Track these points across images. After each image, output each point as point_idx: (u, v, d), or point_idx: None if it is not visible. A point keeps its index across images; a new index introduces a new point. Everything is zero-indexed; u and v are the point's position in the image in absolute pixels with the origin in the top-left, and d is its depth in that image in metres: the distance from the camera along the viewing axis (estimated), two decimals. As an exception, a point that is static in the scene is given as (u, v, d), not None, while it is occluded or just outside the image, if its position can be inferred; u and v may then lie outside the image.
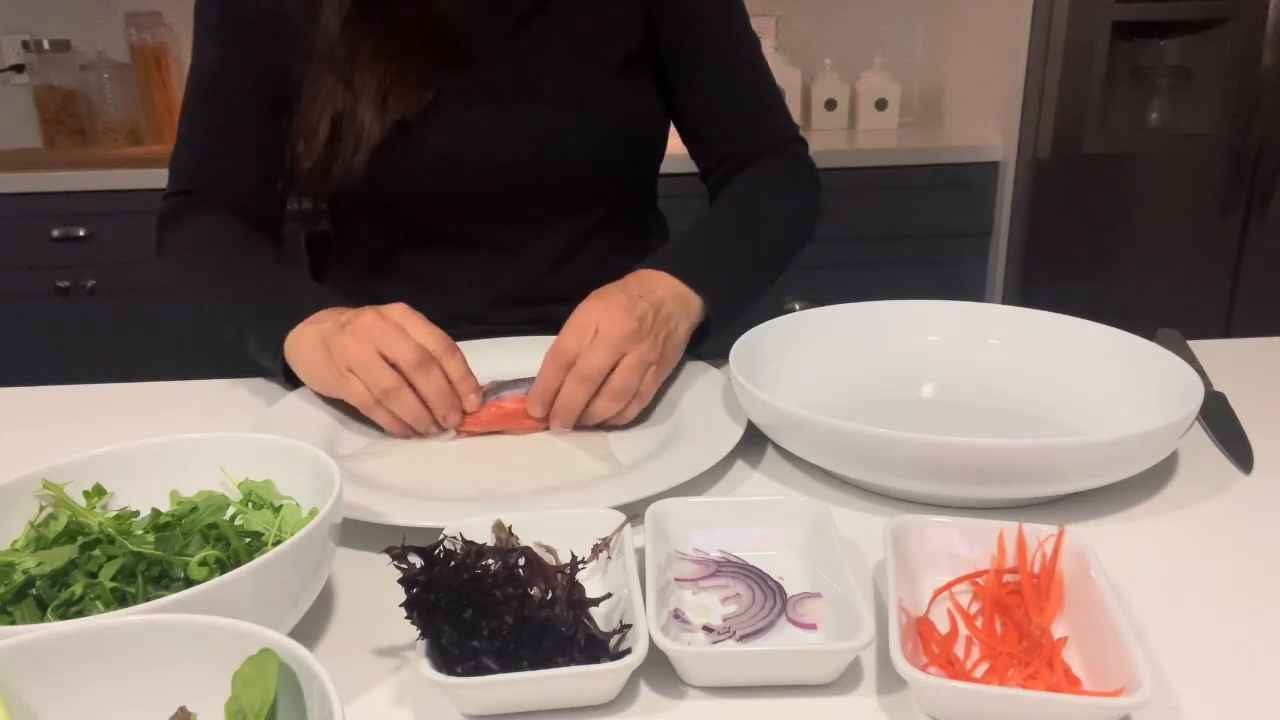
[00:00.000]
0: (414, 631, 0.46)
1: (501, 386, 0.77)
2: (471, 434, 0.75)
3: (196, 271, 0.90)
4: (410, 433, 0.74)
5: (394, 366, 0.72)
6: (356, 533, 0.63)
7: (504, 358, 0.86)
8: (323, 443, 0.75)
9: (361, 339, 0.72)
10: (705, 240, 0.89)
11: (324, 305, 0.79)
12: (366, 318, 0.73)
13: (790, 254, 0.96)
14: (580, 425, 0.75)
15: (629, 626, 0.47)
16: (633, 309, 0.75)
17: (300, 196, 0.94)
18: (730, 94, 0.99)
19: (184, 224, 0.94)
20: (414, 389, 0.72)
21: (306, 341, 0.76)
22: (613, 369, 0.73)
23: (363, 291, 0.96)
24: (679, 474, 0.65)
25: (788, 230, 0.97)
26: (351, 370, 0.72)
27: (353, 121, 0.87)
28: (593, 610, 0.49)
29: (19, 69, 2.47)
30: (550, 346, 0.74)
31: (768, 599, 0.52)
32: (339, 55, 0.87)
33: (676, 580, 0.55)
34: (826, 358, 0.82)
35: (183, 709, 0.40)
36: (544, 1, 0.92)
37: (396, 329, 0.72)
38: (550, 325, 0.79)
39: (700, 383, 0.82)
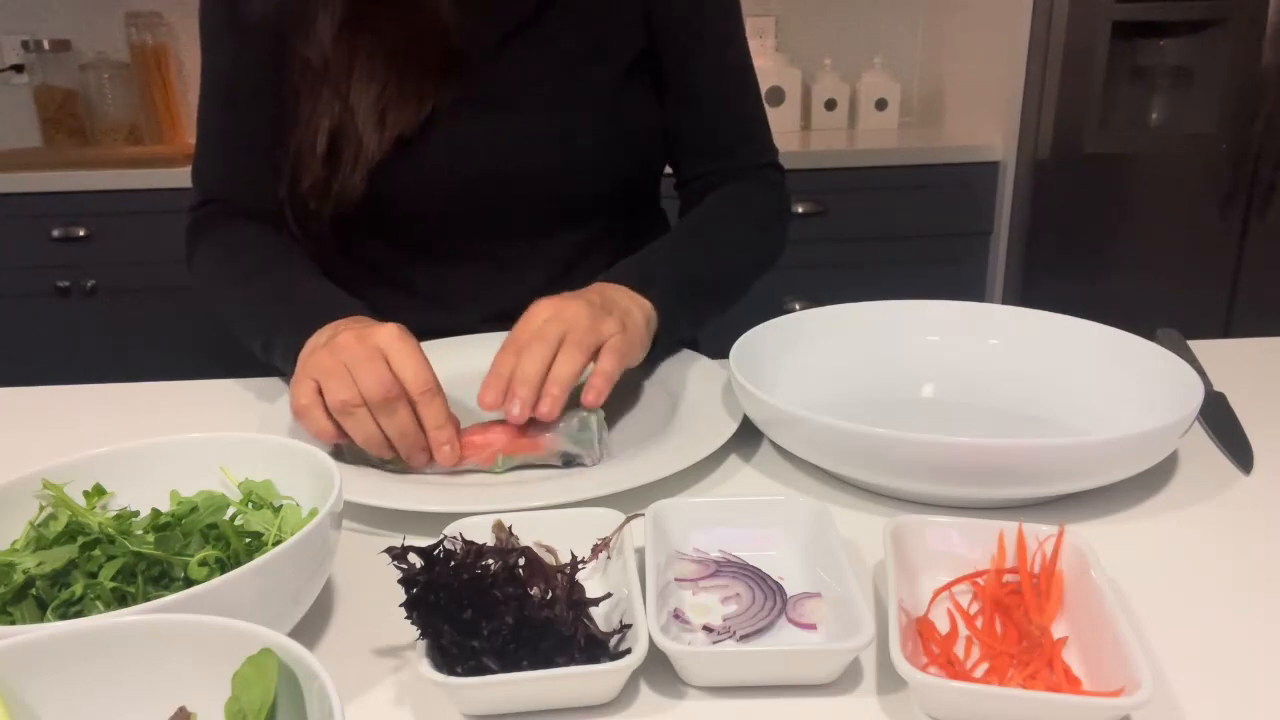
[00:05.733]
0: (414, 631, 0.46)
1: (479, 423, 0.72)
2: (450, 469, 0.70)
3: (225, 283, 0.89)
4: (337, 438, 0.68)
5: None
6: (357, 533, 0.63)
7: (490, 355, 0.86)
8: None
9: (335, 356, 0.67)
10: (658, 258, 0.88)
11: (346, 314, 0.76)
12: (345, 337, 0.68)
13: (748, 281, 0.95)
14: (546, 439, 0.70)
15: (629, 626, 0.47)
16: (582, 298, 0.74)
17: (298, 213, 0.92)
18: (715, 112, 0.98)
19: (211, 236, 0.93)
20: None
21: (307, 349, 0.73)
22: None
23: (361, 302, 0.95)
24: (673, 464, 0.66)
25: (748, 257, 0.96)
26: (315, 379, 0.67)
27: (350, 138, 0.86)
28: (593, 610, 0.49)
29: (19, 69, 2.47)
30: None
31: (768, 599, 0.52)
32: (334, 69, 0.86)
33: (676, 580, 0.55)
34: (826, 358, 0.82)
35: (183, 709, 0.40)
36: (542, 9, 0.91)
37: (374, 355, 0.66)
38: None
39: (700, 379, 0.82)
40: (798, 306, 1.29)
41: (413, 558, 0.47)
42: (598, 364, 0.71)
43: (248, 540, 0.54)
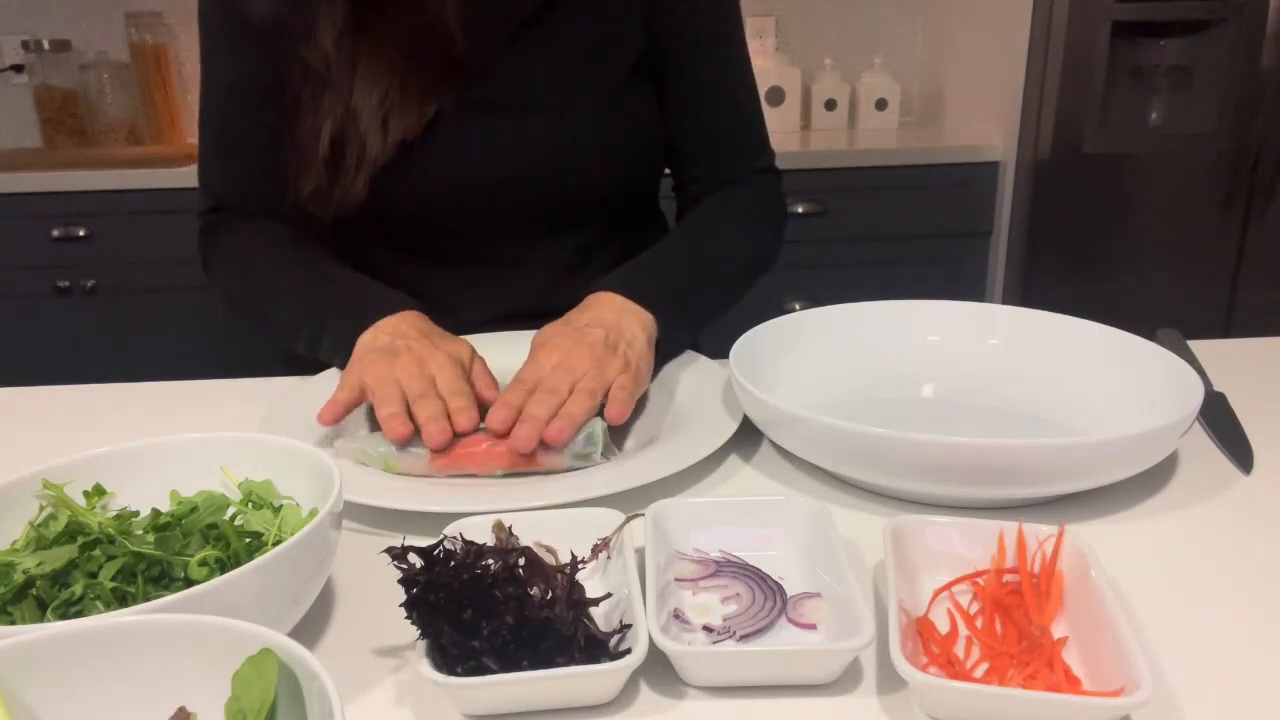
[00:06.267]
0: (414, 631, 0.46)
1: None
2: (445, 471, 0.69)
3: (258, 280, 0.90)
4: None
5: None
6: (357, 533, 0.63)
7: (490, 353, 0.86)
8: (327, 432, 0.75)
9: (392, 371, 0.72)
10: (656, 263, 0.88)
11: (396, 306, 0.80)
12: (406, 360, 0.73)
13: (744, 286, 0.95)
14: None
15: (629, 626, 0.47)
16: (583, 339, 0.74)
17: (300, 216, 0.92)
18: (713, 117, 0.98)
19: (228, 238, 0.93)
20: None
21: (365, 343, 0.77)
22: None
23: None
24: (673, 464, 0.66)
25: (745, 263, 0.96)
26: (368, 383, 0.72)
27: (353, 141, 0.86)
28: (593, 610, 0.49)
29: (19, 69, 2.47)
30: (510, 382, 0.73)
31: (768, 599, 0.52)
32: (336, 72, 0.86)
33: (676, 580, 0.55)
34: (826, 358, 0.82)
35: (182, 709, 0.40)
36: (543, 13, 0.91)
37: (428, 391, 0.71)
38: None
39: (700, 379, 0.82)
40: (798, 306, 1.29)
41: (413, 558, 0.47)
42: (608, 409, 0.71)
43: (248, 540, 0.54)
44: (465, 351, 0.77)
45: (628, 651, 0.46)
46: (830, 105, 2.52)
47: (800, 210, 2.14)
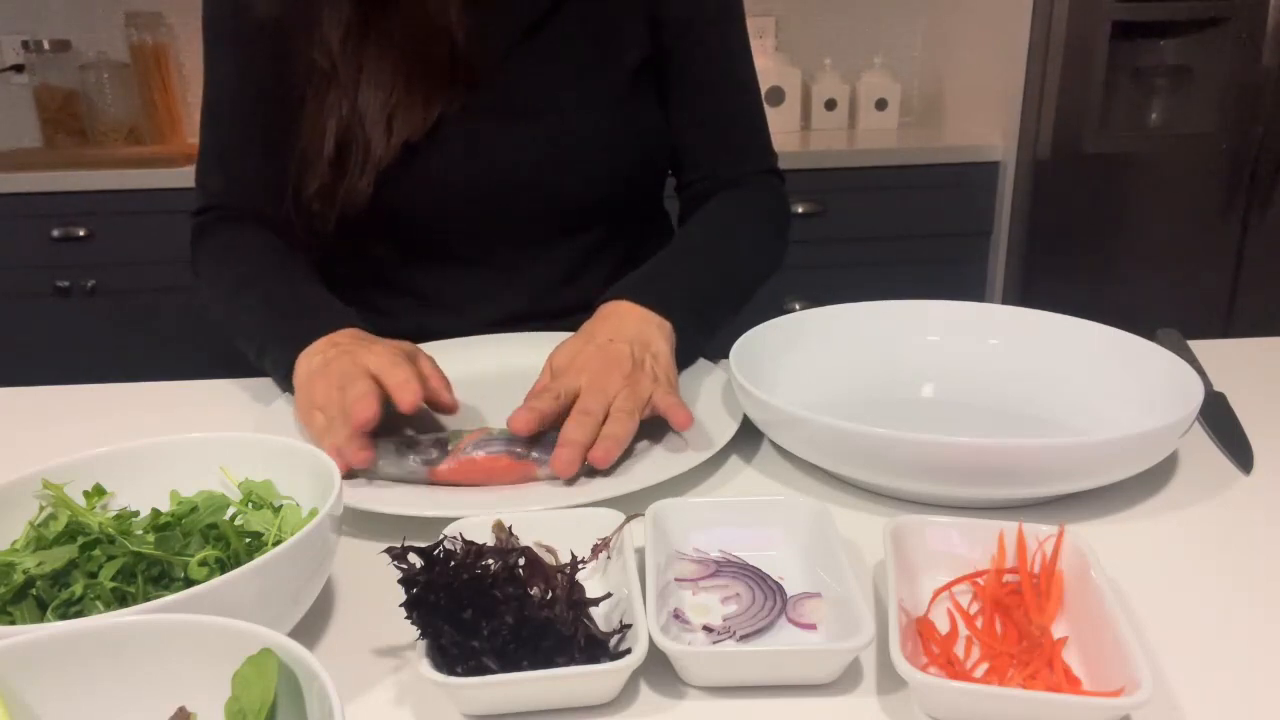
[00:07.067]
0: (414, 631, 0.46)
1: (488, 440, 0.68)
2: (445, 484, 0.68)
3: (223, 289, 0.89)
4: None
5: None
6: (357, 532, 0.63)
7: (495, 354, 0.86)
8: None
9: (330, 380, 0.70)
10: (670, 269, 0.87)
11: (336, 327, 0.77)
12: (341, 364, 0.71)
13: (754, 285, 0.94)
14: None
15: (629, 626, 0.47)
16: (609, 356, 0.73)
17: (303, 216, 0.91)
18: (716, 118, 0.98)
19: (213, 241, 0.93)
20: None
21: (303, 370, 0.75)
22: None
23: (365, 304, 0.93)
24: (674, 467, 0.66)
25: (754, 267, 0.95)
26: (317, 408, 0.70)
27: (358, 142, 0.86)
28: (593, 610, 0.49)
29: (19, 69, 2.47)
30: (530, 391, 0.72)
31: (768, 599, 0.52)
32: (341, 72, 0.86)
33: (676, 580, 0.55)
34: (826, 358, 0.82)
35: (182, 709, 0.40)
36: (549, 15, 0.91)
37: (362, 372, 0.69)
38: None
39: (700, 379, 0.82)
40: (798, 306, 1.29)
41: (413, 558, 0.47)
42: (675, 419, 0.69)
43: (248, 540, 0.54)
44: (408, 346, 0.75)
45: (628, 651, 0.46)
46: (830, 105, 2.52)
47: (800, 210, 2.14)
